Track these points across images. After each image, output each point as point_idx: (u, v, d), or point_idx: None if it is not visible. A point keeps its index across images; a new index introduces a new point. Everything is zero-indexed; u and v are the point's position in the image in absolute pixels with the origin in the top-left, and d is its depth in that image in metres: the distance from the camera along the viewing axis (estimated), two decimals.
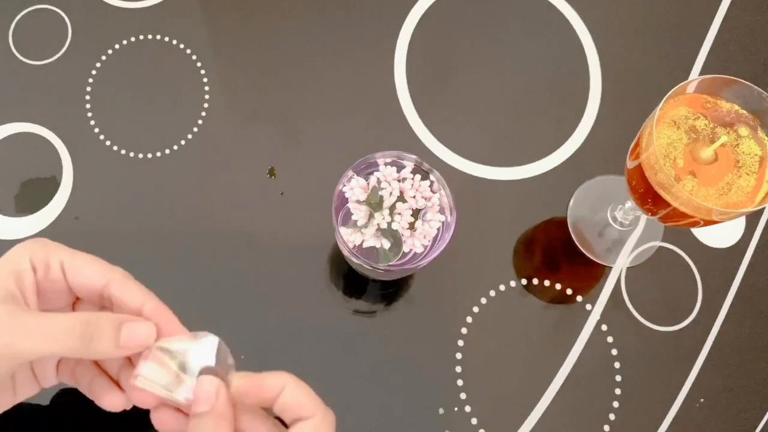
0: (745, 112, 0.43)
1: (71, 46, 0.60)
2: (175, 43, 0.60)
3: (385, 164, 0.45)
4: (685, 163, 0.42)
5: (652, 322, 0.53)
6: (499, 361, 0.51)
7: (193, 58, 0.60)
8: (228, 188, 0.56)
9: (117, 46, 0.60)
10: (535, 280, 0.54)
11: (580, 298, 0.53)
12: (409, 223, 0.43)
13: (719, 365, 0.52)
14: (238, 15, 0.61)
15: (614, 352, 0.52)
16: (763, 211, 0.57)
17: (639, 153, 0.43)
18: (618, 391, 0.51)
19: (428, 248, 0.44)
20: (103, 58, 0.59)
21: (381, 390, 0.50)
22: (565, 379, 0.51)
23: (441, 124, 0.58)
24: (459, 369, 0.51)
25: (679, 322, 0.53)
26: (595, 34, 0.61)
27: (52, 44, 0.60)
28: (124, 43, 0.60)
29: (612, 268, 0.54)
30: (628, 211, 0.54)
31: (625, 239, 0.55)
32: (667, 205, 0.42)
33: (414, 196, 0.44)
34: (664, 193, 0.41)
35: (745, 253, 0.55)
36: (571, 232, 0.55)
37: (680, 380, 0.51)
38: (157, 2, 0.61)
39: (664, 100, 0.41)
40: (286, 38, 0.61)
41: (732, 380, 0.52)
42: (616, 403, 0.50)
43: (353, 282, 0.53)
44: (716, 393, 0.51)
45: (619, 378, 0.51)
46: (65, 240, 0.36)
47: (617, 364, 0.51)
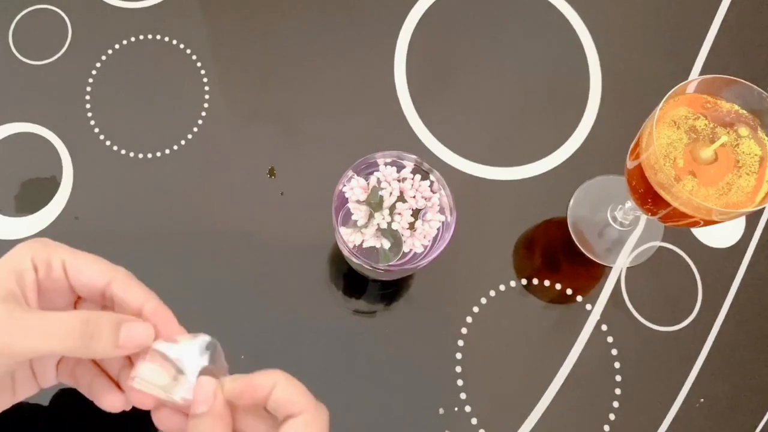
0: (745, 112, 0.43)
1: (71, 46, 0.60)
2: (175, 43, 0.60)
3: (385, 164, 0.44)
4: (685, 163, 0.42)
5: (652, 322, 0.53)
6: (499, 361, 0.51)
7: (193, 58, 0.60)
8: (228, 188, 0.56)
9: (117, 46, 0.60)
10: (535, 280, 0.54)
11: (580, 298, 0.53)
12: (409, 223, 0.43)
13: (719, 365, 0.52)
14: (238, 15, 0.61)
15: (614, 352, 0.52)
16: (763, 211, 0.57)
17: (639, 153, 0.43)
18: (618, 391, 0.51)
19: (428, 248, 0.44)
20: (103, 58, 0.59)
21: (381, 390, 0.50)
22: (565, 379, 0.51)
23: (441, 124, 0.58)
24: (459, 369, 0.51)
25: (679, 322, 0.53)
26: (595, 34, 0.61)
27: (52, 44, 0.60)
28: (124, 43, 0.60)
29: (612, 268, 0.54)
30: (628, 211, 0.54)
31: (625, 239, 0.55)
32: (667, 205, 0.42)
33: (414, 196, 0.44)
34: (664, 193, 0.41)
35: (745, 253, 0.55)
36: (571, 232, 0.55)
37: (680, 380, 0.51)
38: (157, 2, 0.61)
39: (664, 100, 0.41)
40: (286, 38, 0.61)
41: (732, 380, 0.52)
42: (616, 403, 0.50)
43: (353, 282, 0.53)
44: (716, 393, 0.51)
45: (619, 378, 0.51)
46: (65, 240, 0.36)
47: (617, 364, 0.51)
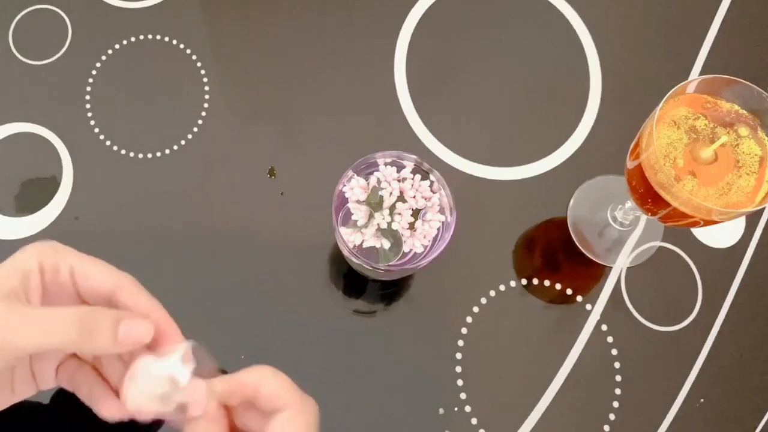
0: (745, 112, 0.43)
1: (71, 46, 0.60)
2: (175, 43, 0.60)
3: (385, 164, 0.44)
4: (685, 163, 0.42)
5: (652, 322, 0.53)
6: (499, 361, 0.51)
7: (193, 58, 0.60)
8: (228, 188, 0.56)
9: (117, 46, 0.60)
10: (535, 280, 0.54)
11: (580, 298, 0.53)
12: (409, 223, 0.43)
13: (719, 365, 0.52)
14: (238, 15, 0.61)
15: (614, 352, 0.52)
16: (763, 211, 0.57)
17: (639, 153, 0.43)
18: (618, 391, 0.51)
19: (428, 248, 0.44)
20: (103, 58, 0.59)
21: (381, 390, 0.50)
22: (565, 379, 0.51)
23: (441, 124, 0.58)
24: (459, 369, 0.51)
25: (679, 322, 0.53)
26: (595, 34, 0.61)
27: (52, 44, 0.60)
28: (124, 43, 0.60)
29: (612, 268, 0.54)
30: (628, 211, 0.54)
31: (625, 239, 0.55)
32: (667, 205, 0.42)
33: (414, 196, 0.44)
34: (664, 193, 0.41)
35: (745, 253, 0.55)
36: (571, 232, 0.55)
37: (680, 380, 0.51)
38: (157, 2, 0.61)
39: (664, 100, 0.41)
40: (286, 38, 0.61)
41: (732, 380, 0.52)
42: (616, 403, 0.50)
43: (353, 282, 0.53)
44: (716, 393, 0.51)
45: (619, 378, 0.51)
46: (65, 240, 0.36)
47: (617, 364, 0.51)
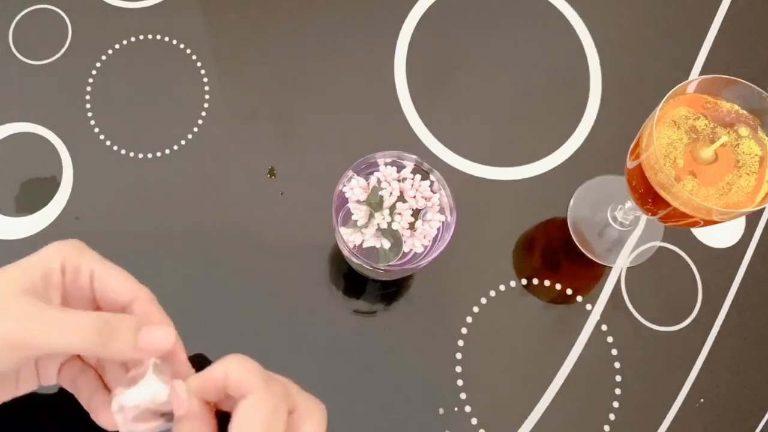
0: (745, 112, 0.43)
1: (71, 46, 0.60)
2: (175, 43, 0.60)
3: (385, 164, 0.45)
4: (685, 163, 0.42)
5: (652, 322, 0.53)
6: (499, 361, 0.51)
7: (193, 58, 0.60)
8: (228, 188, 0.56)
9: (117, 46, 0.60)
10: (535, 280, 0.54)
11: (580, 298, 0.53)
12: (409, 223, 0.43)
13: (719, 365, 0.52)
14: (238, 15, 0.61)
15: (614, 352, 0.52)
16: (763, 211, 0.57)
17: (639, 153, 0.43)
18: (618, 391, 0.51)
19: (428, 248, 0.44)
20: (103, 58, 0.59)
21: (381, 390, 0.50)
22: (565, 379, 0.51)
23: (441, 124, 0.58)
24: (459, 369, 0.51)
25: (679, 322, 0.53)
26: (595, 34, 0.61)
27: (52, 44, 0.60)
28: (124, 43, 0.60)
29: (612, 268, 0.54)
30: (628, 211, 0.54)
31: (625, 239, 0.55)
32: (667, 205, 0.42)
33: (414, 196, 0.44)
34: (664, 193, 0.41)
35: (745, 253, 0.55)
36: (571, 232, 0.55)
37: (680, 380, 0.51)
38: (157, 2, 0.61)
39: (664, 100, 0.41)
40: (286, 38, 0.61)
41: (732, 380, 0.52)
42: (616, 403, 0.50)
43: (353, 282, 0.53)
44: (716, 393, 0.51)
45: (619, 378, 0.51)
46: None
47: (617, 364, 0.51)
